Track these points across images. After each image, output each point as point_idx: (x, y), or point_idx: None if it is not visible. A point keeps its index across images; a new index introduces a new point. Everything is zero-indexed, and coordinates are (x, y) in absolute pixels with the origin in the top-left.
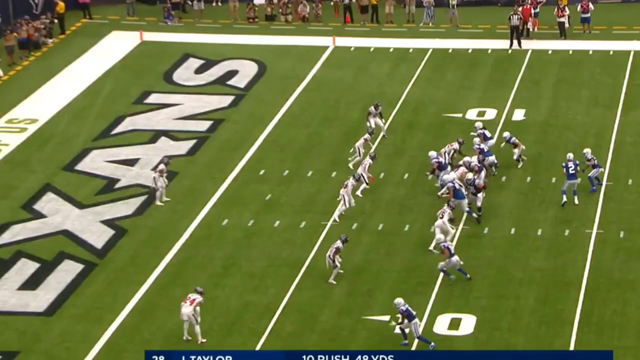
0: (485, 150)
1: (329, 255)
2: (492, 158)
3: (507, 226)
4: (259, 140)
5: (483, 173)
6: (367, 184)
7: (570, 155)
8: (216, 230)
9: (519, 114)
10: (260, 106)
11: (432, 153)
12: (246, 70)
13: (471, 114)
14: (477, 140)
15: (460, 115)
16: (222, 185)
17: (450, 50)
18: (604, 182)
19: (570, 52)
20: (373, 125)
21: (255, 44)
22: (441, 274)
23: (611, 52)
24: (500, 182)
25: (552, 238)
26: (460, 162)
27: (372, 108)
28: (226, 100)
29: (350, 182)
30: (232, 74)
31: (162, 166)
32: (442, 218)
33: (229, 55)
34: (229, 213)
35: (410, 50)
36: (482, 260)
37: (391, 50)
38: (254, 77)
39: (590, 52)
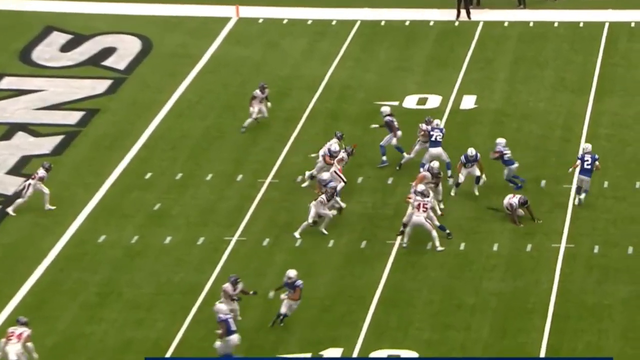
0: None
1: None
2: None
3: (455, 240)
4: (143, 136)
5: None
6: (344, 182)
7: (588, 147)
8: (90, 248)
9: (468, 102)
10: (144, 93)
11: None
12: (126, 48)
13: (410, 101)
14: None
15: (396, 103)
16: (97, 193)
17: (382, 23)
18: (573, 185)
19: (531, 24)
20: (257, 113)
21: (138, 14)
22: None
23: (581, 24)
24: (445, 184)
25: (511, 254)
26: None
27: (257, 91)
28: (101, 85)
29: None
30: (108, 52)
31: (42, 172)
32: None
33: (104, 28)
34: (107, 227)
35: (333, 23)
36: (424, 283)
37: (309, 22)
38: (137, 56)
39: (556, 25)
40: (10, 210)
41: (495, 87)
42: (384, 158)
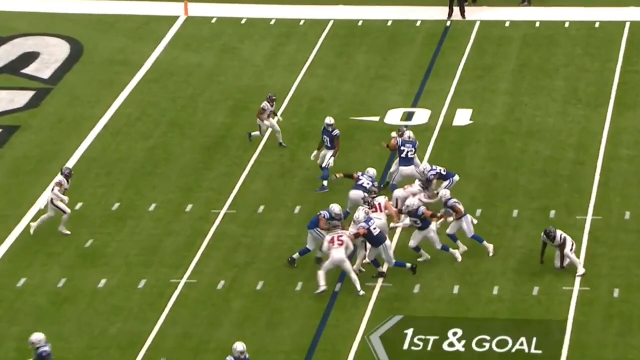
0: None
1: None
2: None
3: (447, 282)
4: (73, 159)
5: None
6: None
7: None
8: (8, 295)
9: (463, 117)
10: (74, 107)
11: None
12: (52, 53)
13: (393, 116)
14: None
15: (376, 118)
16: (16, 227)
17: (360, 23)
18: (589, 216)
19: (538, 24)
20: (269, 127)
21: (66, 12)
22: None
23: (597, 25)
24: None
25: (514, 299)
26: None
27: (266, 104)
28: (21, 97)
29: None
30: (30, 58)
31: (60, 178)
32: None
33: (25, 29)
34: (28, 269)
35: (302, 23)
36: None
37: (272, 22)
38: (64, 63)
39: (567, 25)
40: (33, 226)
41: (495, 100)
42: (325, 183)
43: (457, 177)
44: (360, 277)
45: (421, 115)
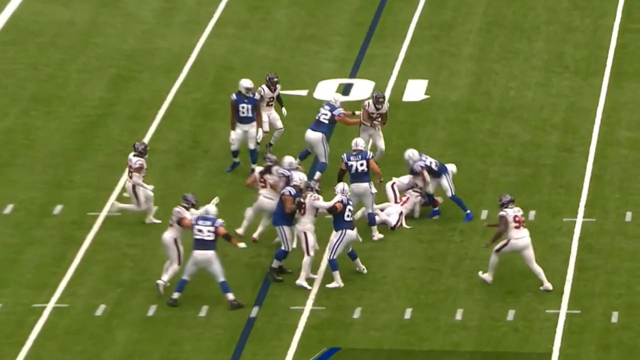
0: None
1: None
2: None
3: (397, 304)
4: None
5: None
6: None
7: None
8: None
9: (415, 90)
10: None
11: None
12: None
13: (325, 89)
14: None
15: (303, 92)
16: None
17: None
18: (579, 217)
19: None
20: (267, 125)
21: None
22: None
23: None
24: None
25: (482, 325)
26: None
27: (264, 88)
28: None
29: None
30: None
31: (135, 161)
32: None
33: None
34: None
35: None
36: None
37: None
38: None
39: None
40: (152, 219)
41: (457, 68)
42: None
43: (453, 168)
44: (289, 292)
45: (361, 88)
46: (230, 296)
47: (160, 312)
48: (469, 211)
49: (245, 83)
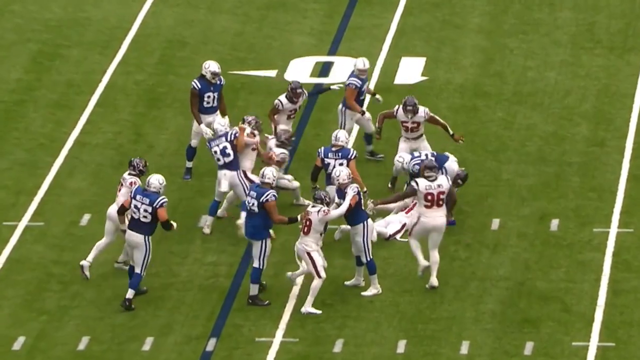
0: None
1: None
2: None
3: (388, 334)
4: None
5: None
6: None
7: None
8: None
9: (411, 70)
10: None
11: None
12: None
13: (298, 69)
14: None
15: (272, 73)
16: None
17: None
18: (614, 228)
19: None
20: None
21: None
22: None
23: None
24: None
25: (492, 354)
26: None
27: (283, 99)
28: None
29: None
30: None
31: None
32: None
33: None
34: None
35: None
36: None
37: None
38: None
39: None
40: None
41: (462, 43)
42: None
43: (452, 163)
44: (255, 320)
45: (343, 68)
46: (130, 294)
47: (95, 345)
48: (452, 218)
49: (214, 67)
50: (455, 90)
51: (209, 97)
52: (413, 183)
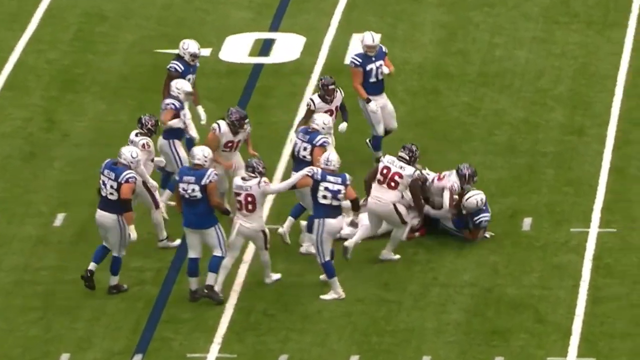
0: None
1: None
2: None
3: (341, 350)
4: None
5: None
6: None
7: None
8: None
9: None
10: None
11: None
12: None
13: (236, 48)
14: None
15: (205, 52)
16: None
17: None
18: (594, 227)
19: None
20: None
21: None
22: None
23: None
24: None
25: None
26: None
27: (315, 99)
28: None
29: None
30: None
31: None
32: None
33: None
34: None
35: None
36: None
37: None
38: None
39: None
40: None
41: (422, 17)
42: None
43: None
44: (186, 334)
45: (286, 47)
46: (113, 280)
47: None
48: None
49: (193, 47)
50: (413, 71)
51: (189, 80)
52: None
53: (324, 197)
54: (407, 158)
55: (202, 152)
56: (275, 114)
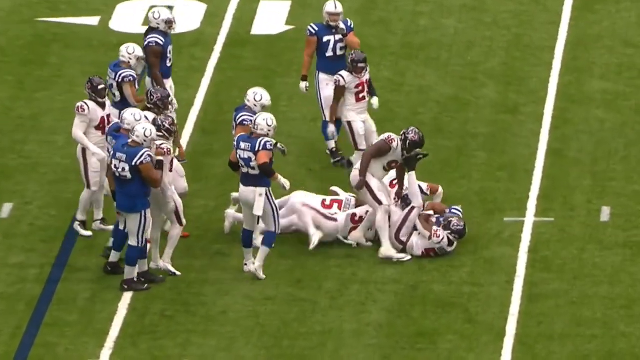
0: None
1: None
2: None
3: (248, 356)
4: None
5: None
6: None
7: None
8: None
9: (272, 18)
10: None
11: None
12: None
13: (126, 18)
14: None
15: (92, 20)
16: None
17: None
18: (530, 216)
19: None
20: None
21: None
22: None
23: None
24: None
25: None
26: None
27: (344, 75)
28: None
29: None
30: None
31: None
32: None
33: None
34: None
35: None
36: None
37: None
38: None
39: None
40: None
41: None
42: None
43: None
44: (74, 337)
45: (185, 15)
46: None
47: None
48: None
49: (165, 13)
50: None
51: (170, 52)
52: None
53: (241, 165)
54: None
55: (142, 131)
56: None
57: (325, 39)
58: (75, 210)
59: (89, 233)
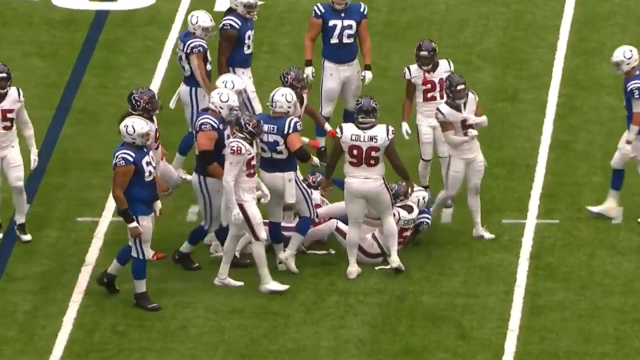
0: None
1: None
2: None
3: None
4: None
5: None
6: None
7: None
8: None
9: None
10: None
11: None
12: None
13: None
14: None
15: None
16: None
17: None
18: (532, 218)
19: None
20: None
21: None
22: None
23: None
24: None
25: None
26: None
27: (410, 69)
28: None
29: None
30: None
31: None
32: None
33: None
34: None
35: None
36: None
37: None
38: None
39: None
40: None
41: None
42: None
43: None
44: (18, 348)
45: None
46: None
47: None
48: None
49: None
50: (304, 18)
51: (250, 38)
52: (338, 130)
53: (262, 149)
54: (373, 119)
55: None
56: (125, 76)
57: (331, 22)
58: (13, 213)
59: (28, 237)
